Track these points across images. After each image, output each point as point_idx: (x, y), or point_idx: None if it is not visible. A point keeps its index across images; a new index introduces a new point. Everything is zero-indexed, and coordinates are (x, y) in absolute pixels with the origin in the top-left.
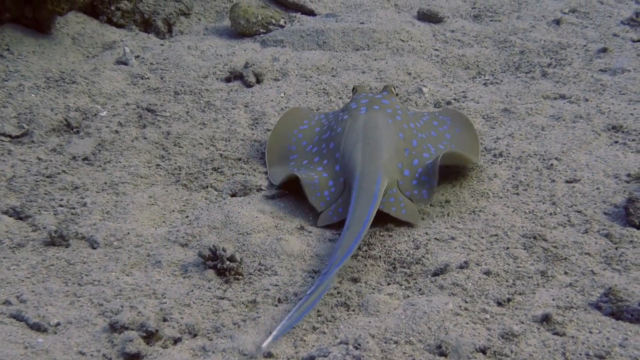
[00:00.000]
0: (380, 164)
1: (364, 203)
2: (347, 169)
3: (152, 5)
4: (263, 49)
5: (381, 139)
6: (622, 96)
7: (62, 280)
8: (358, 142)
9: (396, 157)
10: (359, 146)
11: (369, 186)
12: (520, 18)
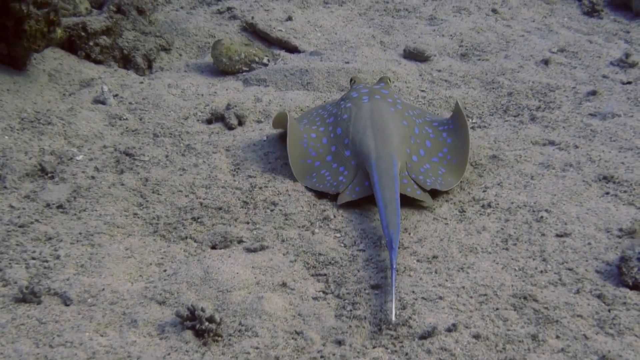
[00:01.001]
0: (392, 148)
1: (387, 184)
2: (360, 154)
3: (131, 40)
4: (245, 88)
5: (389, 126)
6: (613, 143)
7: (33, 342)
8: (367, 128)
9: (404, 142)
10: (369, 132)
11: (386, 168)
12: (508, 57)
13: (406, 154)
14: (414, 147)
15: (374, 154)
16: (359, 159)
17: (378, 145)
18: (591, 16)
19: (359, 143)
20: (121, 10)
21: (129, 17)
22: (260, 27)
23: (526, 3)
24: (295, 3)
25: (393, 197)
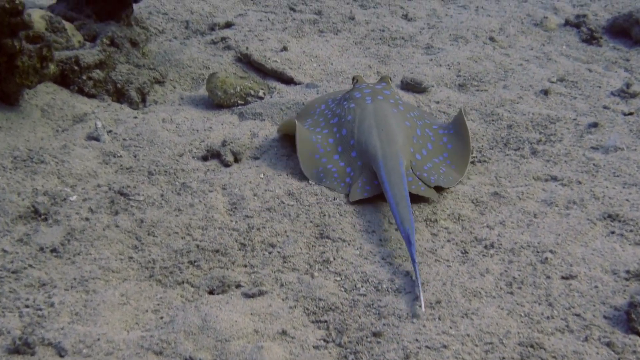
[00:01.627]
0: (398, 147)
1: (396, 182)
2: (366, 154)
3: (125, 74)
4: (241, 123)
5: (393, 126)
6: (616, 179)
7: None
8: (372, 128)
9: (408, 142)
10: (374, 132)
11: (394, 166)
12: (507, 88)
13: (410, 152)
14: (416, 146)
15: (380, 153)
16: (365, 159)
17: (384, 145)
18: (590, 44)
19: (364, 143)
20: (114, 43)
21: (123, 50)
22: (255, 58)
23: (524, 30)
24: (290, 32)
25: (403, 194)
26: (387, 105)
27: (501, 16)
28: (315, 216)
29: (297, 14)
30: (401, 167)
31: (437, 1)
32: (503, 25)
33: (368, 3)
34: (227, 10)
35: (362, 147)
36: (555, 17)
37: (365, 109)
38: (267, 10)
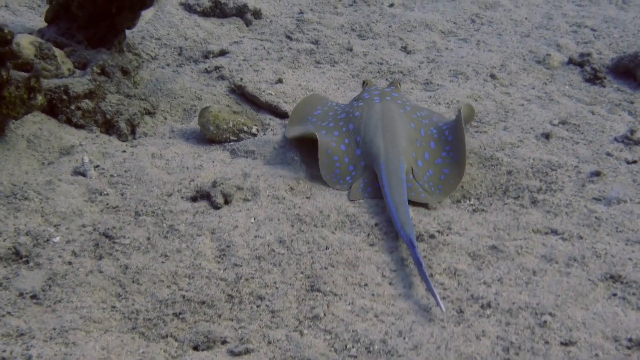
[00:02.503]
0: (400, 150)
1: (396, 186)
2: (370, 154)
3: (115, 104)
4: (233, 160)
5: (398, 128)
6: (619, 234)
7: None
8: (378, 128)
9: (411, 146)
10: (379, 133)
11: (395, 170)
12: (507, 129)
13: (412, 158)
14: (419, 150)
15: (383, 155)
16: (368, 160)
17: (387, 147)
18: (593, 84)
19: (369, 143)
20: (105, 72)
21: (113, 79)
22: (249, 90)
23: (526, 68)
24: (285, 63)
25: (402, 199)
26: (395, 105)
27: (503, 51)
28: (306, 266)
29: (293, 42)
30: (402, 172)
31: (438, 33)
32: (504, 61)
33: (366, 33)
34: (222, 37)
35: (367, 146)
36: (559, 55)
37: (373, 108)
38: (263, 38)
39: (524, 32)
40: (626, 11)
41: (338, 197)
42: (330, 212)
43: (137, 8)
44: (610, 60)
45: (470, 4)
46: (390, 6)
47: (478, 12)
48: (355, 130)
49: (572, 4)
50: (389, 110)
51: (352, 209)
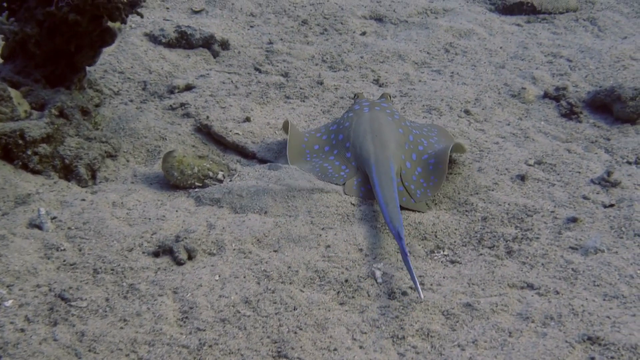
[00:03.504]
0: (390, 153)
1: (387, 184)
2: (360, 157)
3: (74, 149)
4: (197, 209)
5: (387, 133)
6: (597, 288)
7: None
8: (367, 134)
9: (399, 149)
10: (368, 137)
11: (385, 171)
12: (482, 171)
13: (401, 160)
14: (407, 152)
15: (373, 158)
16: (359, 161)
17: (377, 150)
18: (570, 119)
19: (359, 147)
20: (64, 114)
21: (72, 121)
22: (215, 129)
23: (500, 102)
24: (253, 98)
25: (392, 195)
26: (383, 114)
27: (477, 85)
28: (273, 330)
29: (262, 75)
30: (392, 172)
31: (411, 64)
32: (479, 95)
33: (338, 65)
34: (188, 69)
35: (357, 150)
36: (534, 88)
37: (362, 117)
38: (230, 70)
39: (499, 63)
40: (602, 39)
41: (307, 250)
42: (298, 267)
43: (97, 45)
44: (586, 93)
45: (444, 32)
46: (362, 34)
47: (452, 41)
48: (345, 138)
49: (547, 31)
50: (377, 117)
51: (321, 264)
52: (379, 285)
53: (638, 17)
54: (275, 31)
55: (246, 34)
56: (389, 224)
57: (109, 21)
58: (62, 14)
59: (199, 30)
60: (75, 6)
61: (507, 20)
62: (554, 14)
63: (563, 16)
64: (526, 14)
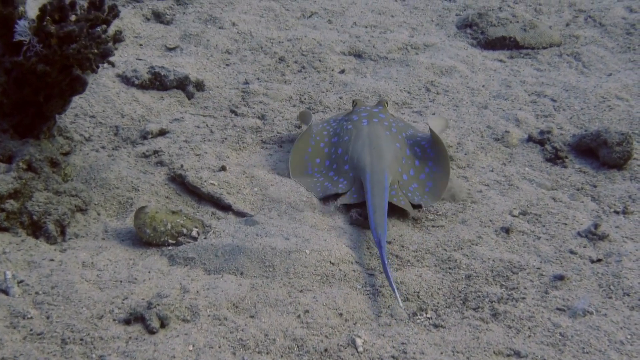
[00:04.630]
0: (385, 165)
1: (378, 193)
2: (357, 168)
3: (42, 204)
4: (171, 270)
5: (384, 147)
6: (586, 356)
7: None
8: (365, 147)
9: (396, 162)
10: (366, 150)
11: (379, 180)
12: (466, 223)
13: (397, 172)
14: (405, 167)
15: (369, 168)
16: (356, 172)
17: (373, 161)
18: (554, 164)
19: (357, 159)
20: (32, 167)
21: (41, 174)
22: (189, 180)
23: (484, 146)
24: (229, 144)
25: (382, 204)
26: (381, 127)
27: (460, 127)
28: None
29: (238, 118)
30: (386, 181)
31: (391, 105)
32: (461, 139)
33: (316, 106)
34: (162, 112)
35: (354, 162)
36: (518, 131)
37: (361, 130)
38: (206, 113)
39: (482, 103)
40: (587, 76)
41: (285, 316)
42: (276, 335)
43: (67, 94)
44: (571, 136)
45: (425, 69)
46: (341, 72)
47: (433, 80)
48: (343, 152)
49: (530, 68)
50: (376, 130)
51: (299, 331)
52: (359, 354)
53: (623, 51)
54: (252, 69)
55: (222, 73)
56: (373, 230)
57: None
58: (30, 64)
59: (173, 71)
60: (44, 56)
61: (489, 55)
62: (537, 49)
63: (546, 51)
64: (509, 49)
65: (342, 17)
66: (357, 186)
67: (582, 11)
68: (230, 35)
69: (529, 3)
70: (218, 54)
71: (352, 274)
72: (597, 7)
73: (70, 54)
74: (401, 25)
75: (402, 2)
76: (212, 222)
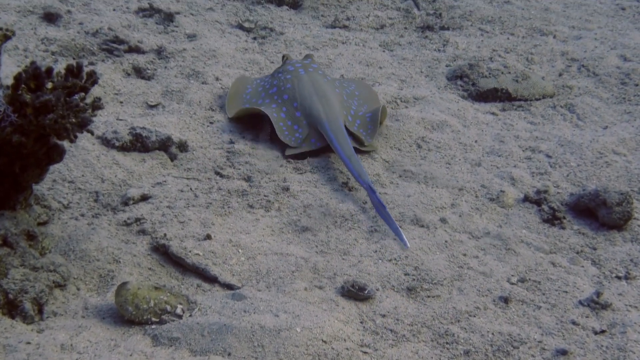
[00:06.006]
0: (336, 111)
1: (344, 141)
2: (311, 116)
3: (19, 281)
4: (155, 350)
5: (328, 93)
6: None
7: None
8: (313, 95)
9: (341, 106)
10: (315, 99)
11: (338, 128)
12: (462, 292)
13: (343, 114)
14: (346, 108)
15: (324, 117)
16: (310, 120)
17: (326, 110)
18: (552, 225)
19: (308, 107)
20: (7, 242)
21: (17, 250)
22: (173, 250)
23: (478, 207)
24: (214, 210)
25: (351, 150)
26: (318, 75)
27: (453, 187)
28: None
29: (223, 180)
30: (343, 127)
31: (381, 163)
32: (455, 200)
33: (303, 166)
34: (144, 176)
35: (307, 110)
36: (513, 190)
37: (302, 79)
38: (189, 175)
39: (475, 160)
40: (582, 129)
41: None
42: None
43: (44, 164)
44: (568, 195)
45: (416, 124)
46: None
47: (424, 135)
48: (291, 98)
49: (524, 121)
50: (316, 79)
51: None
52: None
53: (618, 102)
54: (237, 127)
55: (205, 132)
56: (358, 178)
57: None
58: (4, 135)
59: (155, 132)
60: (20, 126)
61: (481, 108)
62: (530, 100)
63: (540, 103)
64: (501, 101)
65: (329, 69)
66: (314, 134)
67: (575, 60)
68: (213, 90)
69: (520, 52)
70: (201, 111)
71: (345, 353)
72: (591, 56)
73: (47, 124)
74: (390, 77)
75: (390, 52)
76: (197, 298)
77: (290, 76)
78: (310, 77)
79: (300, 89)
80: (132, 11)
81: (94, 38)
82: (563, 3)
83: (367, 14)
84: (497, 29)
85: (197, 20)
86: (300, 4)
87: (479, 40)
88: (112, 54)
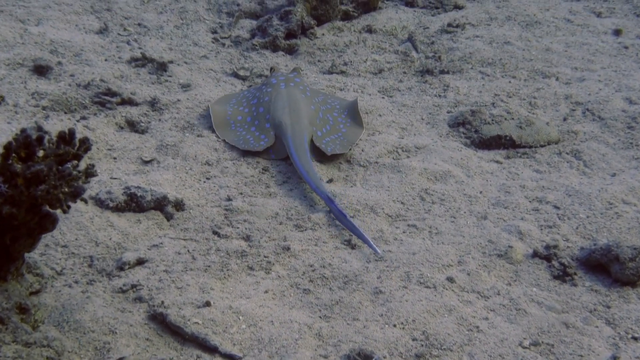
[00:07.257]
0: (303, 126)
1: (303, 155)
2: (279, 128)
3: (11, 359)
4: None
5: (301, 109)
6: None
7: None
8: (285, 108)
9: (311, 122)
10: (286, 112)
11: (300, 142)
12: (474, 358)
13: (313, 130)
14: (318, 126)
15: (289, 130)
16: (277, 131)
17: (293, 123)
18: (563, 281)
19: (278, 119)
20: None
21: (9, 325)
22: (171, 319)
23: (486, 264)
24: (213, 273)
25: (310, 164)
26: (298, 91)
27: (459, 242)
28: None
29: (222, 240)
30: (305, 143)
31: (384, 218)
32: (462, 257)
33: (305, 223)
34: (139, 238)
35: (276, 121)
36: (522, 245)
37: (280, 93)
38: (186, 236)
39: (480, 213)
40: (589, 177)
41: None
42: None
43: (36, 233)
44: (579, 249)
45: (418, 175)
46: (329, 182)
47: (427, 187)
48: (265, 111)
49: (529, 169)
50: (293, 94)
51: None
52: None
53: (625, 147)
54: (234, 182)
55: (202, 189)
56: (316, 189)
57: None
58: None
59: (150, 191)
60: (10, 197)
61: (484, 156)
62: (535, 147)
63: (545, 150)
64: (505, 149)
65: None
66: (279, 144)
67: (579, 104)
68: (209, 143)
69: (522, 96)
70: (197, 166)
71: None
72: (595, 99)
73: (38, 195)
74: (390, 125)
75: (390, 98)
76: None
77: (270, 89)
78: (288, 92)
79: (275, 102)
80: (124, 61)
81: (86, 90)
82: (564, 42)
83: (365, 58)
84: (498, 72)
85: (190, 69)
86: (296, 49)
87: (480, 84)
88: (105, 107)
